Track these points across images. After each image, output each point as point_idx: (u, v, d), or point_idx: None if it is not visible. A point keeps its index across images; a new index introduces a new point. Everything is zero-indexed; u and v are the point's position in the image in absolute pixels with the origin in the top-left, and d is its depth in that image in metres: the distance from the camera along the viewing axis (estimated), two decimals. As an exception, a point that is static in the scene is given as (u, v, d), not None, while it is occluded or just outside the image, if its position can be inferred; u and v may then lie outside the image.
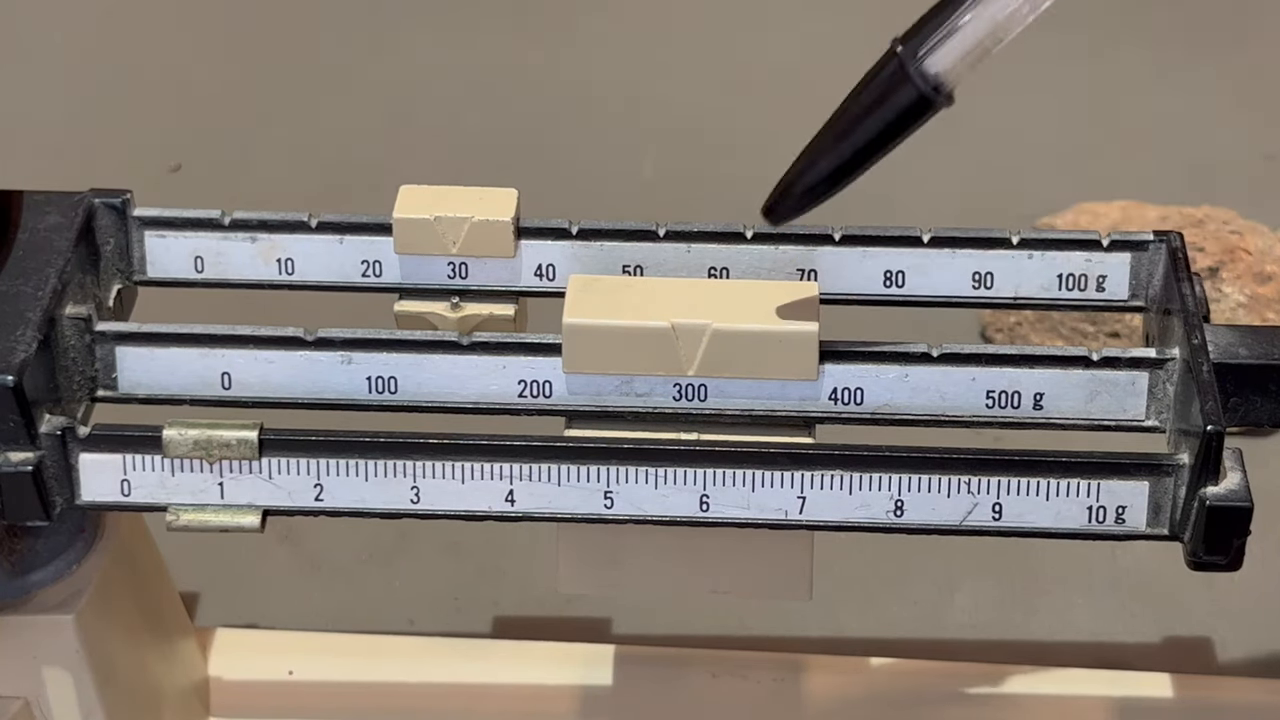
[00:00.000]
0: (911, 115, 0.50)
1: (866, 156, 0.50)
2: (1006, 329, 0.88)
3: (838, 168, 0.50)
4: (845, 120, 0.50)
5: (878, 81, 0.50)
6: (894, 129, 0.50)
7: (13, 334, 0.53)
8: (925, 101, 0.49)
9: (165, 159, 1.00)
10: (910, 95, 0.49)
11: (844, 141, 0.50)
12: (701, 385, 0.55)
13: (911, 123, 0.50)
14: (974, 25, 0.49)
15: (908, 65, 0.49)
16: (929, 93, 0.49)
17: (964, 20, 0.49)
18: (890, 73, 0.50)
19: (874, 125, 0.50)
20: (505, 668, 0.70)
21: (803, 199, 0.51)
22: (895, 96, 0.50)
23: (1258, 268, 0.87)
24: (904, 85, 0.49)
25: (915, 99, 0.49)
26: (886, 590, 0.78)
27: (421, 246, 0.58)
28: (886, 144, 0.50)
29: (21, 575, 0.59)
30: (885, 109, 0.50)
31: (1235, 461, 0.52)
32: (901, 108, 0.50)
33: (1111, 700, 0.69)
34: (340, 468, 0.54)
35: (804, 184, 0.51)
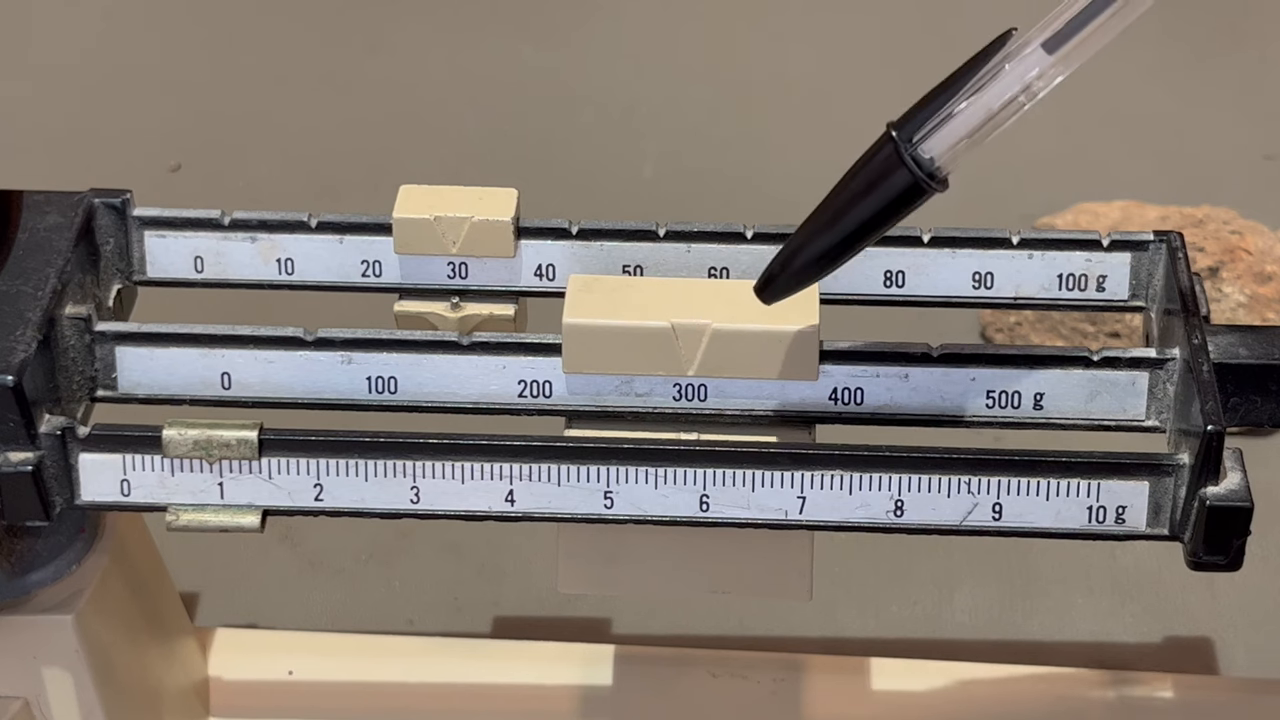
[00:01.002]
0: (904, 201, 0.50)
1: (859, 240, 0.50)
2: (1006, 329, 0.88)
3: (830, 250, 0.51)
4: (839, 203, 0.50)
5: (872, 166, 0.50)
6: (886, 214, 0.50)
7: (13, 334, 0.53)
8: (918, 188, 0.49)
9: (165, 159, 1.00)
10: (904, 181, 0.49)
11: (837, 225, 0.50)
12: (701, 385, 0.55)
13: (904, 208, 0.50)
14: (969, 113, 0.49)
15: (902, 151, 0.49)
16: (923, 179, 0.49)
17: (960, 108, 0.49)
18: (884, 157, 0.49)
19: (867, 209, 0.50)
20: (505, 668, 0.70)
21: (795, 280, 0.51)
22: (889, 182, 0.49)
23: (1258, 268, 0.87)
24: (897, 170, 0.49)
25: (909, 185, 0.49)
26: (886, 590, 0.78)
27: (421, 246, 0.58)
28: (879, 228, 0.50)
29: (21, 575, 0.59)
30: (878, 194, 0.50)
31: (1235, 461, 0.52)
32: (895, 193, 0.49)
33: (1111, 700, 0.69)
34: (340, 468, 0.54)
35: (797, 266, 0.51)
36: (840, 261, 0.51)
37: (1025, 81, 0.48)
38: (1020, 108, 0.49)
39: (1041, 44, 0.48)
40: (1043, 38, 0.48)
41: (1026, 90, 0.48)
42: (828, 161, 1.02)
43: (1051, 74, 0.48)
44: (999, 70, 0.49)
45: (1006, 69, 0.48)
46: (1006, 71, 0.48)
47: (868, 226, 0.50)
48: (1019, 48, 0.49)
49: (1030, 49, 0.48)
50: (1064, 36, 0.48)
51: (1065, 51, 0.48)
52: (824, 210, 0.51)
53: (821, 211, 0.51)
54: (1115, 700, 0.69)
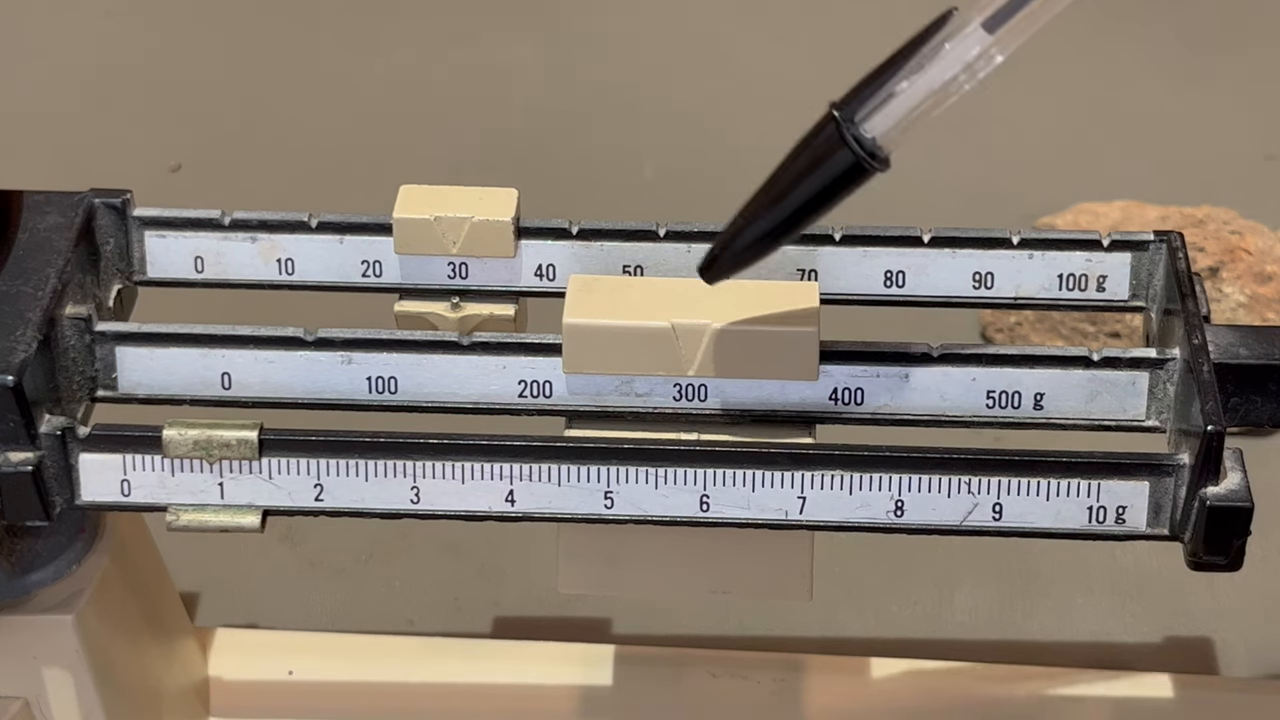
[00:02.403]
0: (846, 180, 0.50)
1: (801, 219, 0.50)
2: (1006, 329, 0.88)
3: (772, 230, 0.51)
4: (782, 183, 0.50)
5: (814, 145, 0.50)
6: (829, 193, 0.50)
7: (13, 334, 0.53)
8: (860, 167, 0.49)
9: (165, 159, 1.00)
10: (846, 160, 0.49)
11: (780, 204, 0.50)
12: (701, 385, 0.55)
13: (846, 187, 0.50)
14: (910, 93, 0.49)
15: (844, 130, 0.49)
16: (864, 159, 0.49)
17: (901, 87, 0.49)
18: (826, 137, 0.50)
19: (809, 189, 0.50)
20: (505, 668, 0.70)
21: (738, 259, 0.51)
22: (831, 161, 0.49)
23: (1258, 268, 0.87)
24: (839, 150, 0.49)
25: (850, 164, 0.49)
26: (886, 590, 0.78)
27: (421, 246, 0.58)
28: (821, 207, 0.50)
29: (21, 575, 0.59)
30: (821, 173, 0.50)
31: (1235, 461, 0.52)
32: (837, 172, 0.50)
33: (1111, 700, 0.70)
34: (340, 468, 0.54)
35: (739, 245, 0.51)
36: (782, 241, 0.51)
37: (965, 61, 0.48)
38: (960, 87, 0.49)
39: (981, 23, 0.48)
40: (982, 17, 0.48)
41: (968, 69, 0.48)
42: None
43: (992, 53, 0.48)
44: (939, 50, 0.49)
45: (947, 49, 0.49)
46: (947, 51, 0.49)
47: (809, 206, 0.50)
48: (959, 27, 0.49)
49: (970, 28, 0.49)
50: (1003, 16, 0.48)
51: (1005, 31, 0.48)
52: (767, 190, 0.51)
53: (764, 191, 0.51)
54: (1115, 700, 0.69)
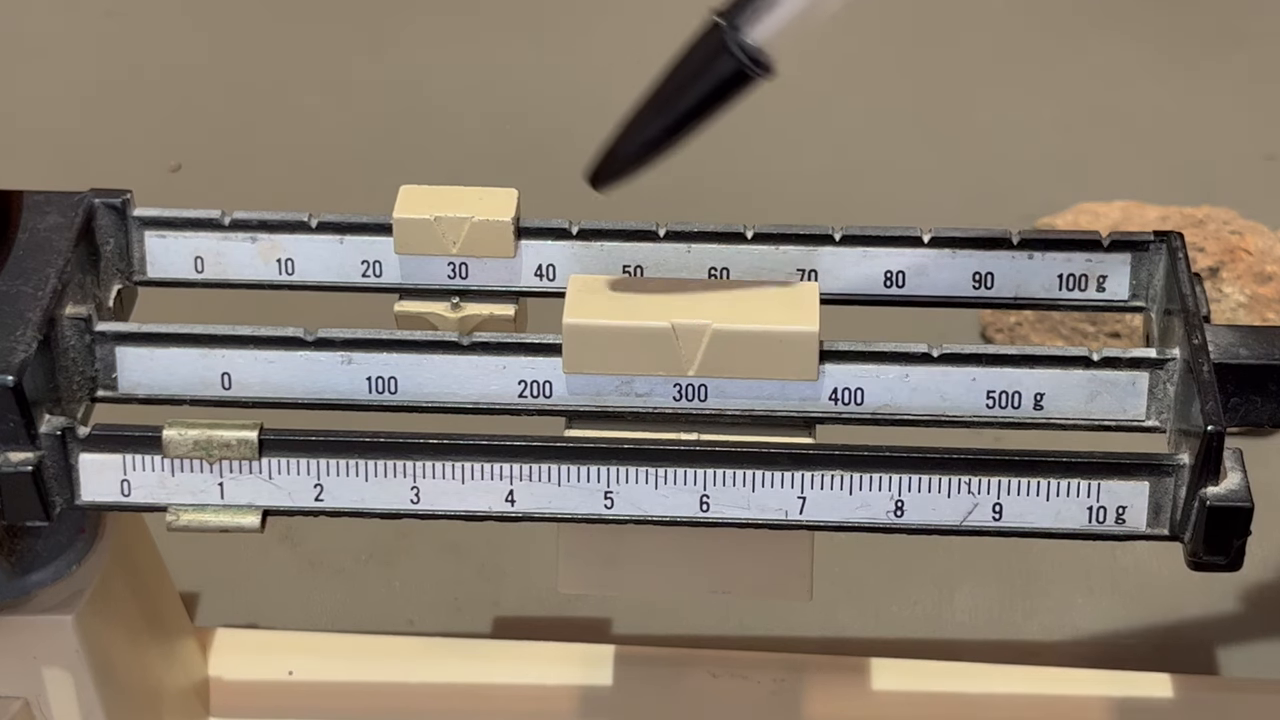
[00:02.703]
0: (729, 87, 0.50)
1: (687, 127, 0.51)
2: (1006, 329, 0.88)
3: (658, 138, 0.51)
4: (666, 91, 0.50)
5: (698, 53, 0.50)
6: (712, 100, 0.50)
7: (13, 334, 0.53)
8: (743, 74, 0.50)
9: (165, 159, 1.00)
10: (729, 68, 0.50)
11: (665, 113, 0.50)
12: (701, 385, 0.55)
13: (729, 94, 0.50)
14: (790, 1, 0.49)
15: (726, 38, 0.49)
16: (747, 66, 0.49)
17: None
18: (710, 45, 0.50)
19: (693, 96, 0.50)
20: (505, 668, 0.70)
21: (625, 167, 0.52)
22: (713, 69, 0.50)
23: (1258, 268, 0.87)
24: (722, 58, 0.49)
25: (734, 71, 0.50)
26: (886, 590, 0.78)
27: (421, 246, 0.58)
28: (706, 115, 0.50)
29: (21, 575, 0.59)
30: (704, 81, 0.50)
31: (1235, 461, 0.52)
32: (719, 80, 0.50)
33: (1111, 700, 0.69)
34: (340, 468, 0.54)
35: (626, 153, 0.51)
36: (668, 149, 0.51)
37: None
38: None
39: None
40: None
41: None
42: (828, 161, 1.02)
43: None
44: None
45: None
46: None
47: (694, 113, 0.50)
48: None
49: None
50: None
51: None
52: (652, 100, 0.51)
53: (650, 101, 0.51)
54: (1115, 700, 0.69)
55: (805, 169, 1.00)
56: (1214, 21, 1.10)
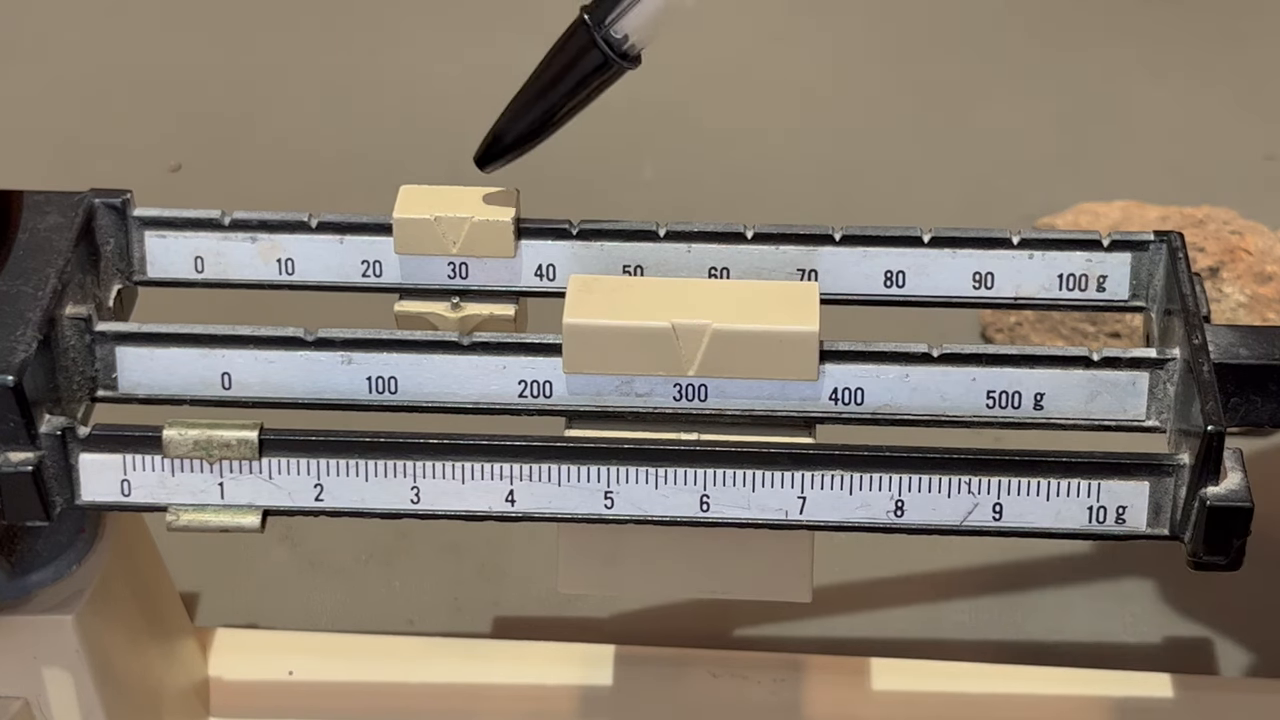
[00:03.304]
0: (596, 77, 0.55)
1: (561, 114, 0.55)
2: (1006, 329, 0.88)
3: (535, 124, 0.56)
4: (541, 82, 0.55)
5: (567, 48, 0.55)
6: (582, 88, 0.55)
7: (13, 334, 0.53)
8: (608, 64, 0.54)
9: (165, 159, 1.00)
10: (596, 60, 0.54)
11: (541, 101, 0.55)
12: (701, 385, 0.55)
13: (597, 83, 0.55)
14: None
15: (593, 32, 0.54)
16: (613, 58, 0.54)
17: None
18: (578, 40, 0.54)
19: (565, 86, 0.55)
20: (505, 668, 0.70)
21: (507, 151, 0.56)
22: (583, 61, 0.54)
23: (1258, 268, 0.87)
24: (590, 51, 0.54)
25: (599, 63, 0.54)
26: (886, 590, 0.78)
27: (421, 246, 0.58)
28: (578, 103, 0.55)
29: (21, 575, 0.59)
30: (574, 72, 0.55)
31: (1235, 461, 0.52)
32: (588, 71, 0.55)
33: (1111, 700, 0.69)
34: (340, 468, 0.54)
35: (507, 139, 0.56)
36: (544, 135, 0.56)
37: None
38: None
39: None
40: None
41: None
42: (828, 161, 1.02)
43: None
44: None
45: None
46: None
47: (565, 101, 0.55)
48: None
49: None
50: None
51: None
52: (529, 88, 0.56)
53: (527, 89, 0.56)
54: (1115, 700, 0.69)
55: (805, 169, 1.00)
56: (1214, 21, 1.10)
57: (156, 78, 1.06)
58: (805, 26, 1.10)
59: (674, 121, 1.03)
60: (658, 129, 1.02)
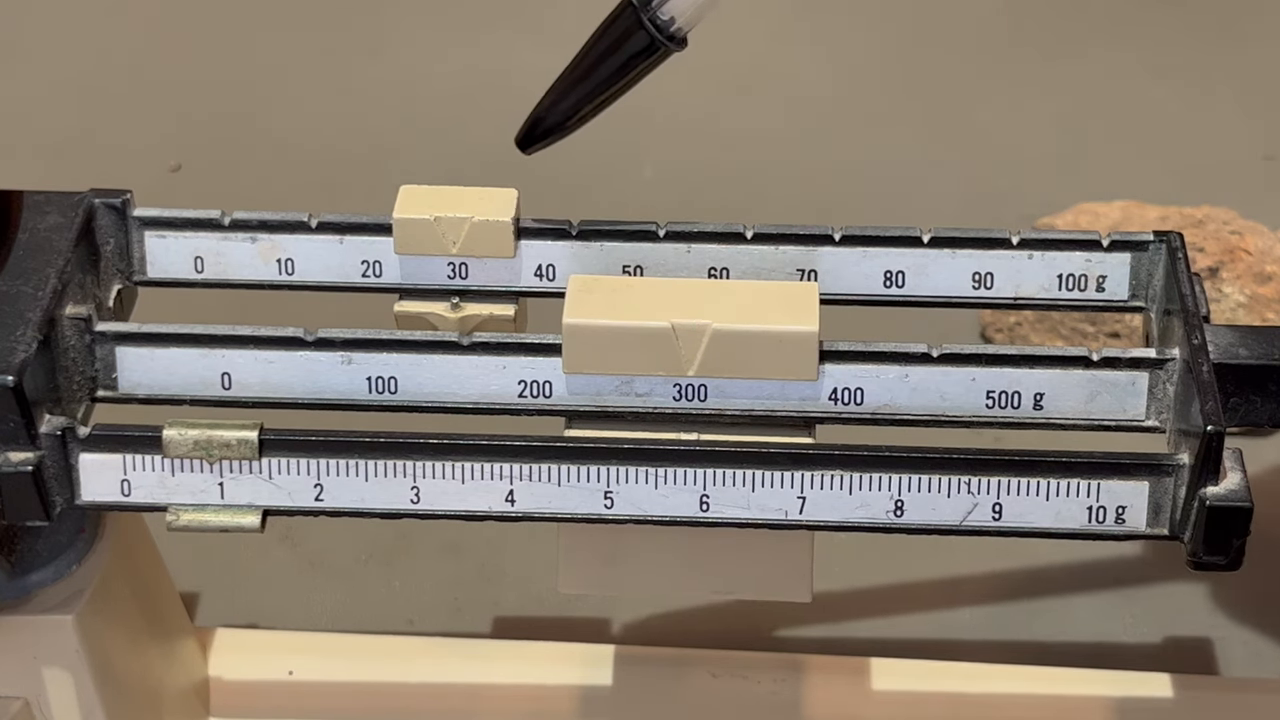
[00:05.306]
0: (642, 59, 0.55)
1: (605, 97, 0.56)
2: (1006, 329, 0.88)
3: (578, 106, 0.56)
4: (586, 63, 0.55)
5: (613, 29, 0.55)
6: (627, 70, 0.55)
7: (13, 334, 0.53)
8: (654, 47, 0.54)
9: (165, 159, 1.00)
10: (642, 42, 0.54)
11: (585, 83, 0.55)
12: (701, 385, 0.55)
13: (643, 66, 0.55)
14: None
15: (640, 13, 0.54)
16: (660, 39, 0.54)
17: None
18: (624, 21, 0.54)
19: (610, 68, 0.55)
20: (505, 668, 0.70)
21: (548, 132, 0.57)
22: (629, 43, 0.54)
23: (1258, 268, 0.87)
24: (636, 33, 0.54)
25: (646, 45, 0.54)
26: (886, 590, 0.78)
27: (421, 246, 0.58)
28: (623, 85, 0.55)
29: (21, 575, 0.59)
30: (620, 54, 0.55)
31: (1235, 461, 0.52)
32: (634, 53, 0.55)
33: (1111, 700, 0.69)
34: (340, 468, 0.54)
35: (550, 121, 0.56)
36: (588, 117, 0.56)
37: None
38: None
39: None
40: None
41: None
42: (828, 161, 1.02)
43: None
44: None
45: None
46: None
47: (610, 83, 0.55)
48: None
49: None
50: None
51: None
52: (574, 70, 0.56)
53: (570, 72, 0.56)
54: (1115, 700, 0.69)
55: (805, 169, 1.00)
56: (1214, 21, 1.10)
57: (156, 78, 1.06)
58: (805, 26, 1.10)
59: (674, 121, 1.03)
60: (658, 129, 1.02)
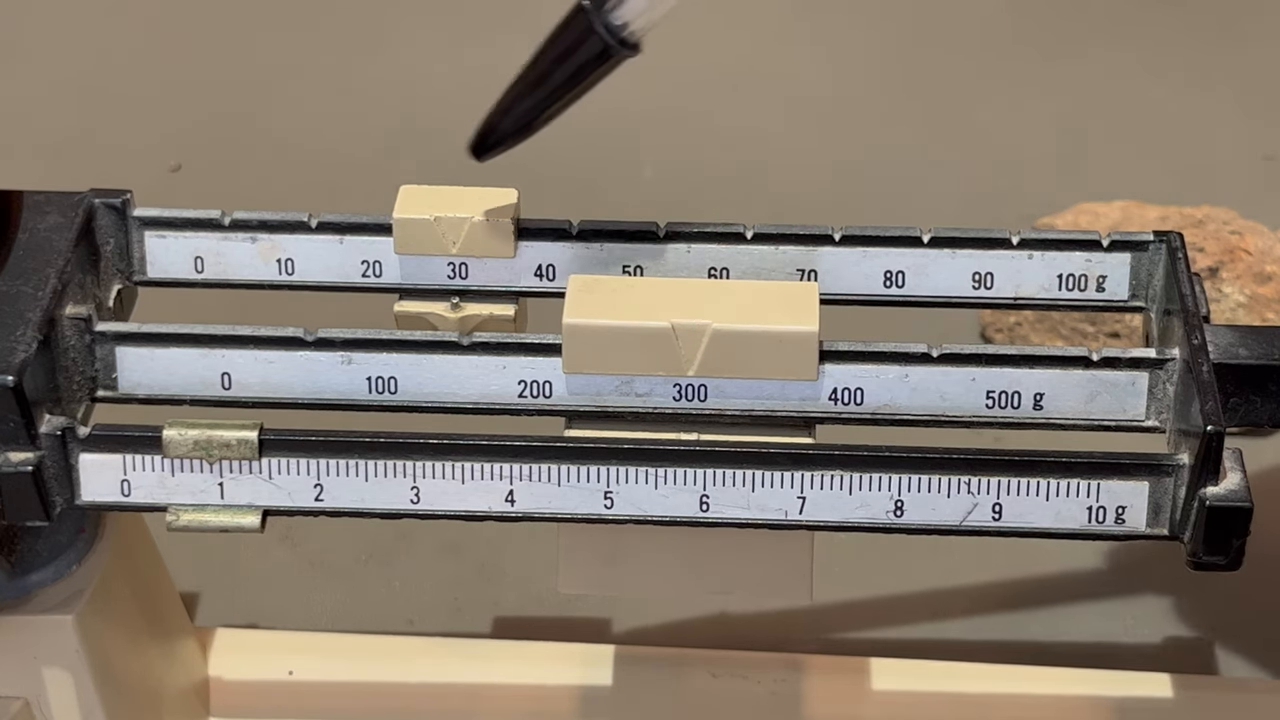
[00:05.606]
0: (596, 65, 0.53)
1: (558, 103, 0.54)
2: (1006, 329, 0.88)
3: (531, 113, 0.54)
4: (539, 69, 0.54)
5: (565, 34, 0.53)
6: (581, 77, 0.53)
7: (13, 334, 0.53)
8: (608, 52, 0.53)
9: (165, 159, 1.00)
10: (595, 47, 0.53)
11: (537, 90, 0.54)
12: (701, 385, 0.55)
13: (597, 71, 0.53)
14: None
15: (593, 19, 0.52)
16: (613, 45, 0.52)
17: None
18: (577, 26, 0.53)
19: (563, 74, 0.53)
20: (505, 668, 0.70)
21: (502, 140, 0.55)
22: (582, 49, 0.53)
23: (1258, 268, 0.87)
24: (589, 38, 0.52)
25: (599, 50, 0.53)
26: (886, 590, 0.78)
27: (421, 246, 0.58)
28: (576, 91, 0.53)
29: (21, 575, 0.59)
30: (573, 60, 0.53)
31: (1235, 461, 0.52)
32: (587, 59, 0.53)
33: (1111, 700, 0.69)
34: (340, 468, 0.54)
35: (504, 128, 0.55)
36: (540, 124, 0.54)
37: None
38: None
39: None
40: None
41: None
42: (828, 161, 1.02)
43: None
44: None
45: None
46: None
47: (565, 90, 0.53)
48: None
49: None
50: None
51: None
52: (526, 76, 0.54)
53: (523, 77, 0.54)
54: (1115, 700, 0.69)
55: (805, 169, 1.00)
56: (1214, 21, 1.10)
57: (156, 78, 1.06)
58: (805, 26, 1.10)
59: (674, 121, 1.03)
60: (658, 129, 1.02)
